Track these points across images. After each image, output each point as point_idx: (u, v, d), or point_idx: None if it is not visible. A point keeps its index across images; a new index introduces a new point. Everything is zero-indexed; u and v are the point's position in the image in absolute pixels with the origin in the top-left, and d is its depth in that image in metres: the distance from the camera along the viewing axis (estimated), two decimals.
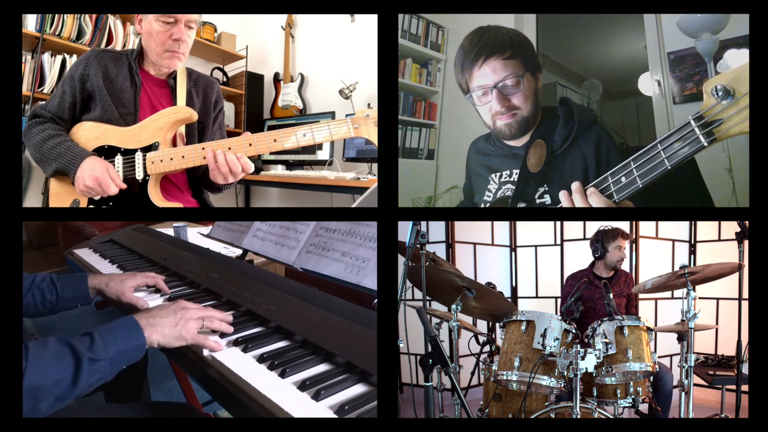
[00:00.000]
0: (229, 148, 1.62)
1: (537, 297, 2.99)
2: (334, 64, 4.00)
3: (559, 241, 2.93)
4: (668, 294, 2.75)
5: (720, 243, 2.77)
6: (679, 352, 1.83)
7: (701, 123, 1.13)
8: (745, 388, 1.79)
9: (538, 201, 1.53)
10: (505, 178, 1.64)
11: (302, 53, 4.36)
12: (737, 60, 1.96)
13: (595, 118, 1.56)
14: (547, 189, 1.53)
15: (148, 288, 1.54)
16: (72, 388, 0.96)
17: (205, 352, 1.11)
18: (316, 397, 0.93)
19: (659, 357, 2.08)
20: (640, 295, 2.71)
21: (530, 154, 1.55)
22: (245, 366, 1.06)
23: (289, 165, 4.03)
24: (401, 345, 1.58)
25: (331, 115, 3.71)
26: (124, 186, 1.67)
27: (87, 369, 0.97)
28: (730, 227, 2.18)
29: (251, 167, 1.66)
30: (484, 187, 1.70)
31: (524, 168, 1.56)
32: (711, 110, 1.12)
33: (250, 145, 1.63)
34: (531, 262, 2.99)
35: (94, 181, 1.62)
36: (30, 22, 3.14)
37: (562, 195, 1.31)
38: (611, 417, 1.62)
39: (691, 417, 1.73)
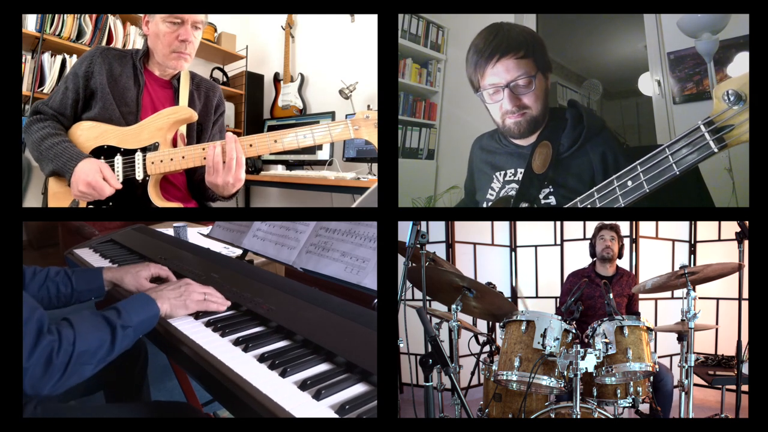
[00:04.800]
0: None
1: (537, 297, 2.99)
2: (334, 64, 4.00)
3: (559, 241, 2.93)
4: (668, 294, 2.74)
5: (720, 243, 2.77)
6: (679, 352, 1.83)
7: (711, 128, 1.10)
8: (745, 388, 1.79)
9: (542, 202, 1.53)
10: (510, 177, 1.64)
11: (302, 53, 4.36)
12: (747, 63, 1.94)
13: (603, 125, 1.55)
14: (551, 191, 1.53)
15: (160, 279, 1.60)
16: (110, 352, 1.09)
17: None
18: (317, 396, 0.93)
19: (659, 357, 2.08)
20: (641, 295, 2.72)
21: (536, 155, 1.55)
22: (246, 365, 1.05)
23: (289, 165, 4.03)
24: (401, 345, 1.58)
25: (331, 115, 3.71)
26: (120, 186, 1.65)
27: (121, 334, 1.11)
28: (730, 227, 2.18)
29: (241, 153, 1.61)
30: (487, 185, 1.69)
31: (529, 168, 1.56)
32: (722, 115, 1.09)
33: (251, 145, 1.63)
34: (531, 262, 2.99)
35: (87, 186, 1.60)
36: (30, 22, 3.13)
37: None
38: (611, 417, 1.62)
39: (691, 417, 1.73)
